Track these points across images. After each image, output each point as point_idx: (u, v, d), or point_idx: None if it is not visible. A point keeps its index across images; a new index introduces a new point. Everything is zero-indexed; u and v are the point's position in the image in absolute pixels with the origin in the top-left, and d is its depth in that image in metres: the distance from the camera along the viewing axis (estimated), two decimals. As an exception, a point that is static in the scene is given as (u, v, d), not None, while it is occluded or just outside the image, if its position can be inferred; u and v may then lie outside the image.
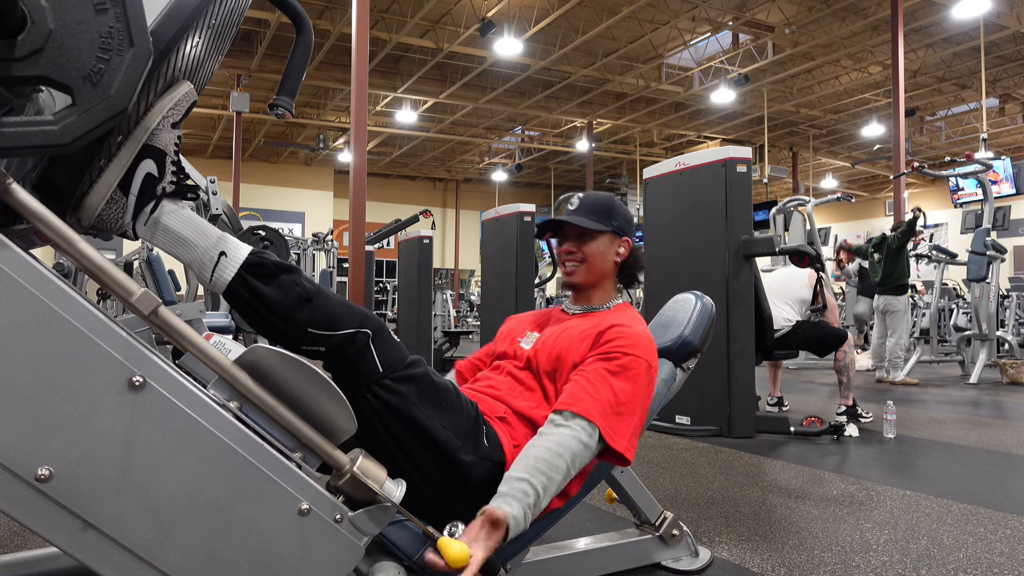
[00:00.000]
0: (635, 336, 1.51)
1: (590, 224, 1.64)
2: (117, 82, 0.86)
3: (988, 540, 2.17)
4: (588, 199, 1.69)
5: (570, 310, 1.72)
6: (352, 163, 7.91)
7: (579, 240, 1.66)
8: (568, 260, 1.68)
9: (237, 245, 1.16)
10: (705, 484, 2.85)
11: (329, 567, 1.08)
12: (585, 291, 1.70)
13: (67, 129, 0.85)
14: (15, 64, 0.82)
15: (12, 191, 0.92)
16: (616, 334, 1.50)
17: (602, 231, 1.66)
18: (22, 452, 0.89)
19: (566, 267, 1.68)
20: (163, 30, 0.98)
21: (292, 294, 1.16)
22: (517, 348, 1.64)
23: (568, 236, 1.68)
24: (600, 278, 1.69)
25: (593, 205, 1.68)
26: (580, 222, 1.64)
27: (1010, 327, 9.70)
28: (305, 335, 1.18)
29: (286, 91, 1.36)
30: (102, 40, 0.86)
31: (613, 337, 1.49)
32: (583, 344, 1.52)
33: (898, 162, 10.96)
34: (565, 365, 1.51)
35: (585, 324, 1.59)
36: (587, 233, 1.66)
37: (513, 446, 1.41)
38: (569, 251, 1.67)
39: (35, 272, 0.91)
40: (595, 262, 1.66)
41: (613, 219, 1.68)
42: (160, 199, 1.10)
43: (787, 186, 22.02)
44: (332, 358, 1.23)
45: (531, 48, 14.00)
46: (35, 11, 0.82)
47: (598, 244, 1.66)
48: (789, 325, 4.25)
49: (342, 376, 1.25)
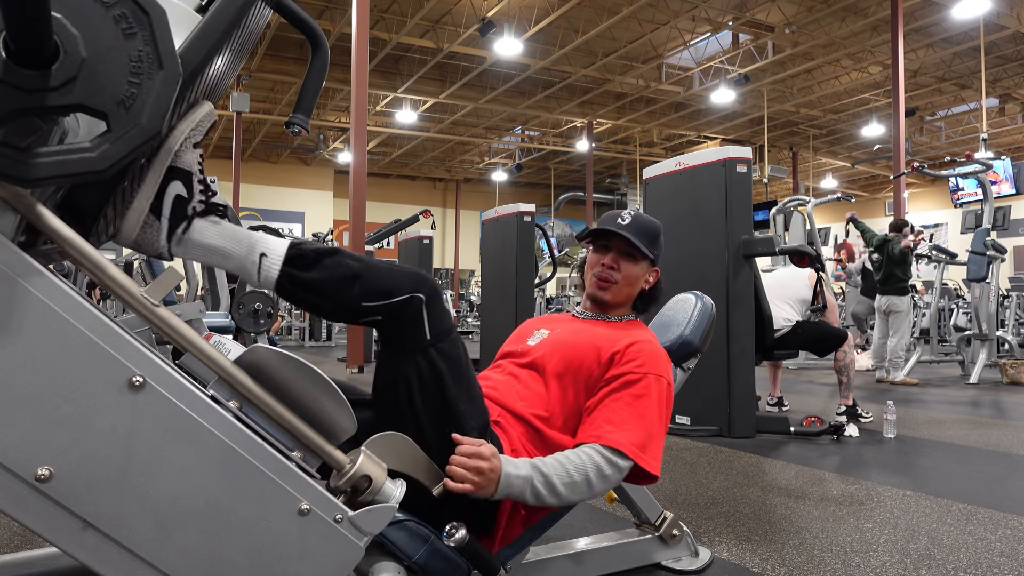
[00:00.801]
0: (655, 355, 1.51)
1: (642, 246, 1.61)
2: (149, 106, 0.87)
3: (988, 540, 2.17)
4: (639, 220, 1.65)
5: (583, 315, 1.70)
6: (352, 163, 7.91)
7: (623, 257, 1.64)
8: (605, 274, 1.63)
9: (275, 243, 1.17)
10: (705, 484, 2.85)
11: (329, 567, 1.08)
12: (607, 307, 1.68)
13: (104, 156, 0.86)
14: (51, 94, 0.82)
15: (40, 214, 0.93)
16: (636, 352, 1.49)
17: (646, 256, 1.64)
18: (22, 452, 0.89)
19: (599, 280, 1.64)
20: (191, 53, 0.99)
21: (337, 274, 1.17)
22: (523, 346, 1.63)
23: (613, 250, 1.64)
24: (626, 300, 1.68)
25: (643, 228, 1.64)
26: (633, 239, 1.60)
27: (1010, 327, 9.70)
28: (361, 310, 1.20)
29: (302, 109, 1.37)
30: (132, 64, 0.86)
31: (634, 356, 1.48)
32: (601, 354, 1.50)
33: (898, 162, 10.96)
34: (579, 369, 1.49)
35: (601, 331, 1.57)
36: (634, 254, 1.63)
37: (511, 450, 1.41)
38: (611, 266, 1.63)
39: (35, 272, 0.91)
40: (629, 284, 1.65)
41: (656, 247, 1.66)
42: (192, 219, 1.11)
43: (787, 186, 22.02)
44: (389, 326, 1.24)
45: (531, 48, 14.00)
46: (67, 41, 0.82)
47: (638, 268, 1.65)
48: (789, 325, 4.25)
49: (388, 341, 1.26)
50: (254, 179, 20.74)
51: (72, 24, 0.83)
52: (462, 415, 1.28)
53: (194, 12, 1.05)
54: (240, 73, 14.80)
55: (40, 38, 0.78)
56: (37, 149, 0.84)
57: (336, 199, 22.51)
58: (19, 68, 0.80)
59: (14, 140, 0.84)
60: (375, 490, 1.14)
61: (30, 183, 0.85)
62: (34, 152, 0.84)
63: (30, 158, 0.83)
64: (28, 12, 0.74)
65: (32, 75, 0.81)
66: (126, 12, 0.86)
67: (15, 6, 0.73)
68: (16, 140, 0.84)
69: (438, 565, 1.30)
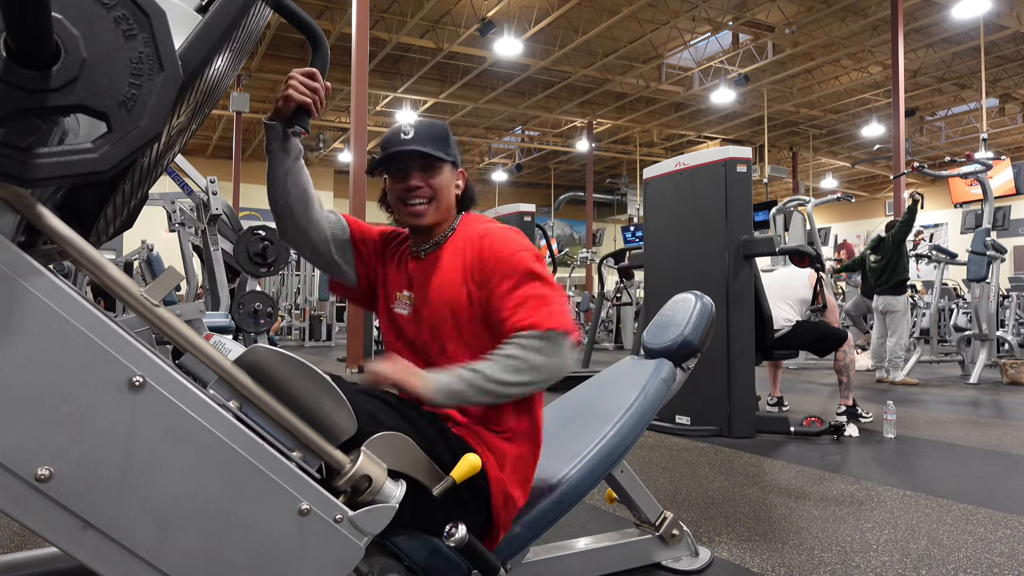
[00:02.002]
0: (508, 240, 1.44)
1: (438, 152, 1.46)
2: (150, 107, 0.88)
3: (988, 540, 2.17)
4: (422, 127, 1.49)
5: (420, 252, 1.52)
6: (352, 163, 7.91)
7: (425, 173, 1.47)
8: (414, 197, 1.46)
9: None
10: (705, 484, 2.85)
11: (329, 567, 1.08)
12: (431, 230, 1.51)
13: (106, 157, 0.86)
14: (51, 95, 0.83)
15: (40, 214, 0.93)
16: (492, 252, 1.41)
17: (445, 160, 1.49)
18: (22, 452, 0.89)
19: (411, 206, 1.46)
20: (191, 54, 0.99)
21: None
22: (399, 318, 1.51)
23: (411, 170, 1.46)
24: (447, 213, 1.51)
25: (430, 133, 1.48)
26: (427, 149, 1.45)
27: (1010, 327, 9.70)
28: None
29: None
30: (133, 66, 0.87)
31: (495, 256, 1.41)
32: (465, 285, 1.42)
33: (898, 162, 10.96)
34: (458, 316, 1.42)
35: (450, 262, 1.46)
36: (434, 164, 1.47)
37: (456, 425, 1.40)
38: (415, 187, 1.46)
39: (35, 272, 0.91)
40: (444, 197, 1.49)
41: (451, 148, 1.51)
42: None
43: (787, 186, 22.02)
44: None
45: (531, 48, 14.00)
46: (68, 41, 0.83)
47: (444, 176, 1.49)
48: (789, 325, 4.25)
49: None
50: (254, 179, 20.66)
51: (73, 25, 0.83)
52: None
53: (194, 12, 1.05)
54: (240, 73, 14.80)
55: (41, 38, 0.78)
56: (38, 149, 0.84)
57: (336, 199, 22.49)
58: (20, 68, 0.80)
59: (15, 140, 0.84)
60: (375, 490, 1.14)
61: (31, 183, 0.85)
62: (35, 152, 0.84)
63: (31, 158, 0.83)
64: (29, 12, 0.74)
65: (33, 75, 0.81)
66: (126, 13, 0.86)
67: (16, 6, 0.73)
68: (17, 140, 0.84)
69: (438, 565, 1.30)
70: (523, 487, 1.45)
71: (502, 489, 1.38)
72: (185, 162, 5.61)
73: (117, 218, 1.34)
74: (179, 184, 5.92)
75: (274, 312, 5.18)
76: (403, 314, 1.50)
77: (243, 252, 5.12)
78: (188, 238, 6.18)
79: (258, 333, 5.09)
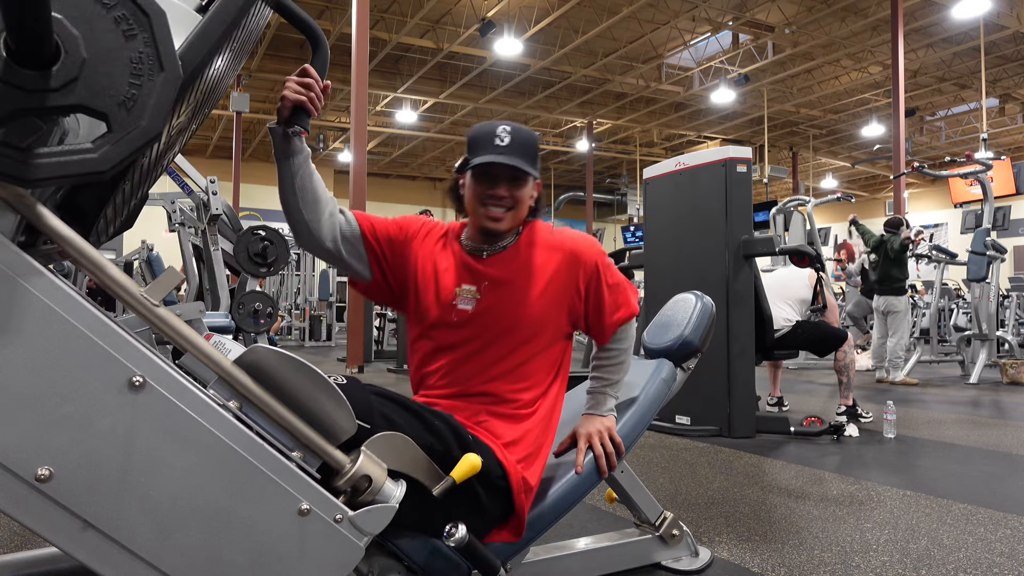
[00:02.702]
0: (587, 242, 1.60)
1: (529, 168, 1.49)
2: (150, 107, 0.88)
3: (988, 540, 2.17)
4: (518, 135, 1.50)
5: (482, 251, 1.55)
6: (352, 163, 7.91)
7: (512, 185, 1.49)
8: (497, 205, 1.49)
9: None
10: (705, 484, 2.85)
11: (329, 567, 1.08)
12: (501, 235, 1.54)
13: (106, 157, 0.86)
14: (51, 95, 0.83)
15: (40, 214, 0.93)
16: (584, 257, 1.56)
17: (533, 176, 1.52)
18: (22, 452, 0.89)
19: (491, 211, 1.49)
20: (191, 54, 0.99)
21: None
22: (457, 313, 1.50)
23: (500, 179, 1.49)
24: (519, 223, 1.56)
25: (524, 145, 1.49)
26: (520, 164, 1.47)
27: (1010, 327, 9.70)
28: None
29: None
30: (133, 66, 0.87)
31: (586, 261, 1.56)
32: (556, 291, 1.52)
33: (898, 162, 10.97)
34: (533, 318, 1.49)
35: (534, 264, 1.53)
36: (522, 178, 1.50)
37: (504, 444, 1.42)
38: (500, 195, 1.49)
39: (35, 272, 0.91)
40: (521, 209, 1.53)
41: (537, 161, 1.54)
42: None
43: (787, 186, 22.02)
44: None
45: (531, 48, 14.00)
46: (68, 41, 0.83)
47: (527, 190, 1.53)
48: (789, 325, 4.25)
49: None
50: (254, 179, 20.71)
51: (73, 25, 0.83)
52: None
53: (194, 12, 1.05)
54: (240, 73, 14.81)
55: (41, 38, 0.78)
56: (38, 149, 0.84)
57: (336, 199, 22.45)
58: (20, 68, 0.80)
59: (15, 140, 0.84)
60: (375, 490, 1.14)
61: (31, 183, 0.85)
62: (35, 152, 0.84)
63: (31, 158, 0.83)
64: (29, 12, 0.74)
65: (33, 75, 0.81)
66: (126, 13, 0.86)
67: (16, 6, 0.73)
68: (17, 140, 0.84)
69: (438, 565, 1.30)
70: (537, 471, 1.49)
71: (519, 475, 1.42)
72: (185, 162, 5.62)
73: (117, 218, 1.34)
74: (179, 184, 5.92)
75: (274, 312, 5.18)
76: (465, 310, 1.50)
77: (243, 252, 5.12)
78: (188, 238, 6.18)
79: (258, 333, 5.09)
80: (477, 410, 1.45)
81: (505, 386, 1.47)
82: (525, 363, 1.49)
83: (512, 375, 1.48)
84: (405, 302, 1.58)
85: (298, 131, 1.37)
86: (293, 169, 1.41)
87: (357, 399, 1.20)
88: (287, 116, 1.34)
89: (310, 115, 1.36)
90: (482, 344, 1.48)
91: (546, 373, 1.53)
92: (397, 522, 1.18)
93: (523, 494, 1.43)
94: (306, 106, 1.33)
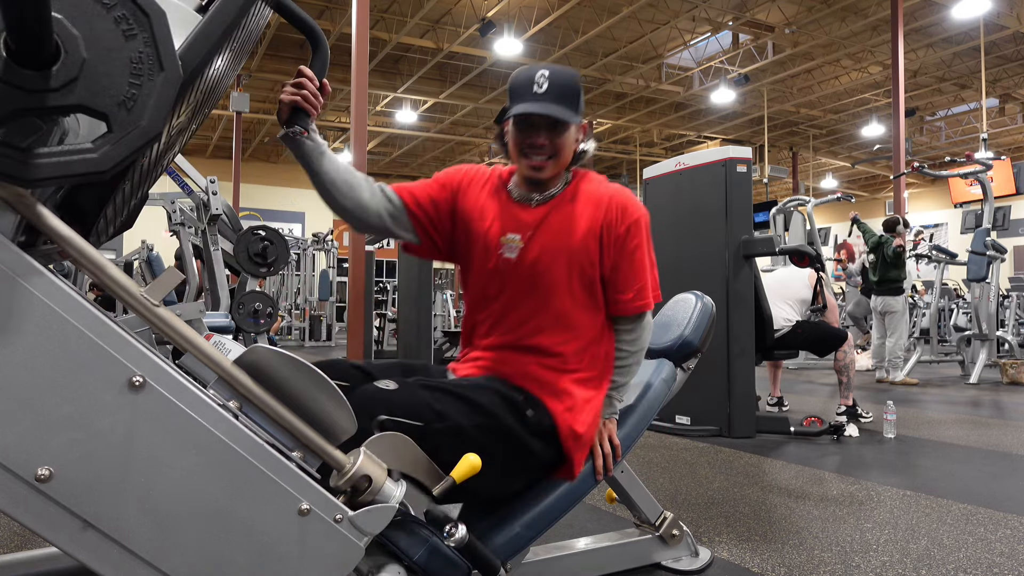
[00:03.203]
0: (633, 201, 1.57)
1: (568, 115, 1.47)
2: (150, 107, 0.88)
3: (988, 540, 2.17)
4: (557, 79, 1.46)
5: (531, 199, 1.57)
6: (352, 163, 7.91)
7: (551, 131, 1.48)
8: (537, 153, 1.49)
9: None
10: (705, 484, 2.85)
11: (329, 567, 1.08)
12: (546, 181, 1.56)
13: (106, 157, 0.86)
14: (52, 95, 0.83)
15: (40, 214, 0.93)
16: (620, 210, 1.53)
17: (573, 122, 1.50)
18: (22, 452, 0.89)
19: (532, 160, 1.49)
20: (191, 54, 0.99)
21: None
22: (502, 263, 1.53)
23: (539, 127, 1.48)
24: (564, 167, 1.56)
25: (563, 88, 1.46)
26: (558, 113, 1.45)
27: (1010, 327, 9.70)
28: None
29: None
30: (133, 66, 0.87)
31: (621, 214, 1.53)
32: (593, 240, 1.52)
33: (898, 162, 10.96)
34: (573, 266, 1.52)
35: (575, 213, 1.54)
36: (560, 125, 1.48)
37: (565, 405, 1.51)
38: (540, 144, 1.48)
39: (35, 272, 0.91)
40: (564, 155, 1.52)
41: (579, 104, 1.51)
42: None
43: (787, 186, 22.02)
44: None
45: (531, 48, 13.99)
46: (68, 41, 0.83)
47: (569, 136, 1.51)
48: (789, 325, 4.25)
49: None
50: (254, 179, 20.73)
51: (73, 25, 0.83)
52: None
53: (194, 12, 1.05)
54: (240, 73, 14.81)
55: (41, 38, 0.78)
56: (38, 149, 0.84)
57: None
58: (20, 68, 0.80)
59: (15, 140, 0.84)
60: (375, 490, 1.14)
61: (31, 183, 0.85)
62: (35, 152, 0.84)
63: (31, 158, 0.83)
64: (29, 12, 0.74)
65: (33, 75, 0.81)
66: (126, 13, 0.86)
67: (16, 6, 0.73)
68: (17, 140, 0.84)
69: (438, 565, 1.30)
70: (585, 421, 1.53)
71: (567, 424, 1.50)
72: (185, 162, 5.61)
73: (117, 218, 1.34)
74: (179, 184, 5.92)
75: (274, 312, 5.18)
76: (510, 258, 1.53)
77: (243, 252, 5.12)
78: (188, 238, 6.17)
79: (258, 333, 5.09)
80: (525, 362, 1.51)
81: (549, 338, 1.52)
82: (567, 314, 1.52)
83: (556, 327, 1.52)
84: (456, 256, 1.63)
85: (297, 131, 1.38)
86: (316, 168, 1.44)
87: (410, 404, 1.29)
88: (286, 119, 1.36)
89: (308, 114, 1.37)
90: (523, 293, 1.52)
91: (590, 326, 1.55)
92: (466, 487, 1.26)
93: (571, 441, 1.50)
94: (301, 105, 1.35)
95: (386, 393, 1.31)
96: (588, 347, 1.55)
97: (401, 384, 1.33)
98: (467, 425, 1.35)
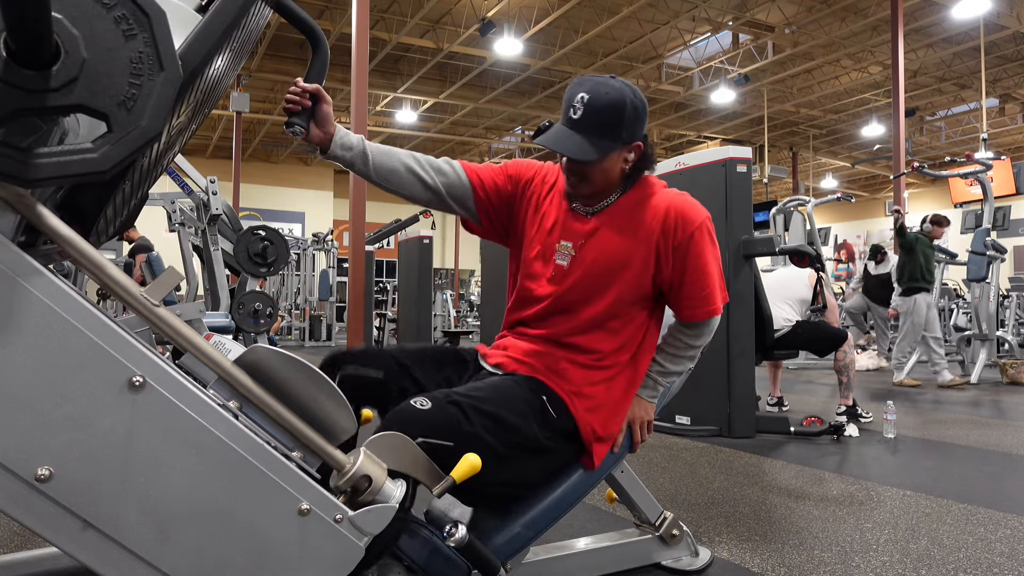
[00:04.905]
0: (693, 207, 1.55)
1: (592, 156, 1.44)
2: (150, 107, 0.88)
3: (988, 540, 2.17)
4: (595, 103, 1.41)
5: (587, 212, 1.58)
6: (352, 163, 7.91)
7: (576, 163, 1.49)
8: (570, 175, 1.53)
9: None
10: (705, 484, 2.85)
11: (329, 567, 1.08)
12: (594, 195, 1.56)
13: (106, 157, 0.86)
14: (51, 95, 0.83)
15: (40, 214, 0.93)
16: (679, 220, 1.52)
17: (606, 154, 1.47)
18: (22, 452, 0.89)
19: (569, 180, 1.54)
20: (191, 54, 0.99)
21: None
22: (555, 268, 1.56)
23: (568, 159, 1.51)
24: (608, 186, 1.54)
25: (600, 115, 1.42)
26: (578, 153, 1.44)
27: (1010, 327, 9.69)
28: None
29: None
30: (133, 66, 0.87)
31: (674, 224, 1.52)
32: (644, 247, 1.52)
33: (898, 162, 10.96)
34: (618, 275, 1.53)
35: (628, 224, 1.54)
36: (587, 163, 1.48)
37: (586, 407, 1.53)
38: (569, 169, 1.52)
39: (35, 272, 0.91)
40: (599, 180, 1.51)
41: (622, 130, 1.45)
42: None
43: (787, 186, 22.02)
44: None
45: (531, 48, 14.00)
46: (68, 41, 0.83)
47: (602, 165, 1.49)
48: (789, 325, 4.24)
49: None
50: (254, 179, 20.73)
51: (73, 25, 0.83)
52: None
53: (194, 12, 1.05)
54: (240, 73, 14.80)
55: (41, 38, 0.78)
56: (38, 149, 0.84)
57: (336, 199, 22.50)
58: (20, 68, 0.80)
59: (15, 140, 0.84)
60: (375, 490, 1.14)
61: (31, 183, 0.85)
62: (35, 152, 0.84)
63: (31, 158, 0.83)
64: (29, 12, 0.74)
65: (33, 75, 0.81)
66: (126, 13, 0.86)
67: (16, 6, 0.73)
68: (17, 140, 0.84)
69: (438, 565, 1.30)
70: (609, 422, 1.57)
71: (588, 425, 1.53)
72: (185, 162, 5.61)
73: (117, 218, 1.34)
74: (179, 184, 5.92)
75: (274, 312, 5.18)
76: (562, 265, 1.56)
77: (243, 252, 5.12)
78: (188, 238, 6.17)
79: (258, 333, 5.09)
80: (558, 357, 1.53)
81: (587, 339, 1.54)
82: (608, 320, 1.54)
83: (597, 331, 1.54)
84: (510, 243, 1.68)
85: (297, 131, 1.40)
86: (359, 169, 1.51)
87: (443, 425, 1.30)
88: (287, 121, 1.39)
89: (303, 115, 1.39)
90: (570, 300, 1.55)
91: (631, 335, 1.57)
92: (483, 479, 1.27)
93: (592, 441, 1.54)
94: (293, 108, 1.39)
95: (421, 414, 1.31)
96: (625, 345, 1.57)
97: (434, 403, 1.34)
98: (493, 442, 1.38)
